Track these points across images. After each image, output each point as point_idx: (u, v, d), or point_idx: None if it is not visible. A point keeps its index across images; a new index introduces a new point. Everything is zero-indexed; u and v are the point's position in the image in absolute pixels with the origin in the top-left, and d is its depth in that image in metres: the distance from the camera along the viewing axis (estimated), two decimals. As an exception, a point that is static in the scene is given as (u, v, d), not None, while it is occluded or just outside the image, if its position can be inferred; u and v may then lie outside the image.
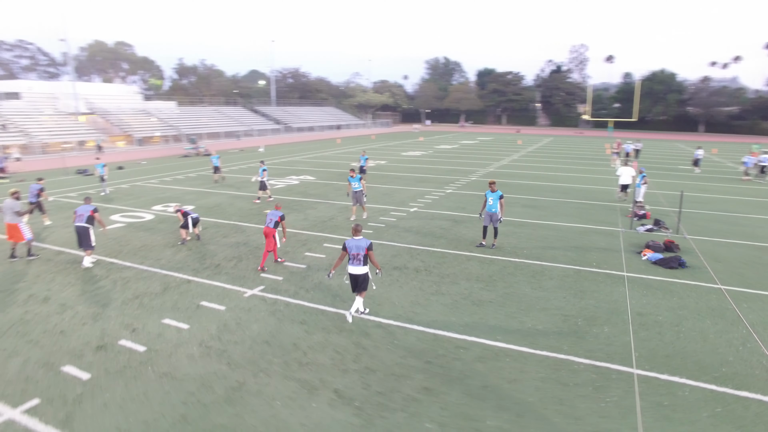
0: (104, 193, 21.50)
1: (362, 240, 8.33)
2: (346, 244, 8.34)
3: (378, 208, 18.05)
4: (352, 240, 8.36)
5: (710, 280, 10.53)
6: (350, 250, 8.31)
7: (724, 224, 15.91)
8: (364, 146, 47.95)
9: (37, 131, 43.07)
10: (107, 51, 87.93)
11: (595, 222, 15.87)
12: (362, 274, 8.37)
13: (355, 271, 8.36)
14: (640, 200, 17.56)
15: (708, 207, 18.86)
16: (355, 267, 8.35)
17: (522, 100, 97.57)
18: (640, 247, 12.82)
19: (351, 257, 8.34)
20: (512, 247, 13.04)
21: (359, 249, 8.27)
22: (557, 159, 35.92)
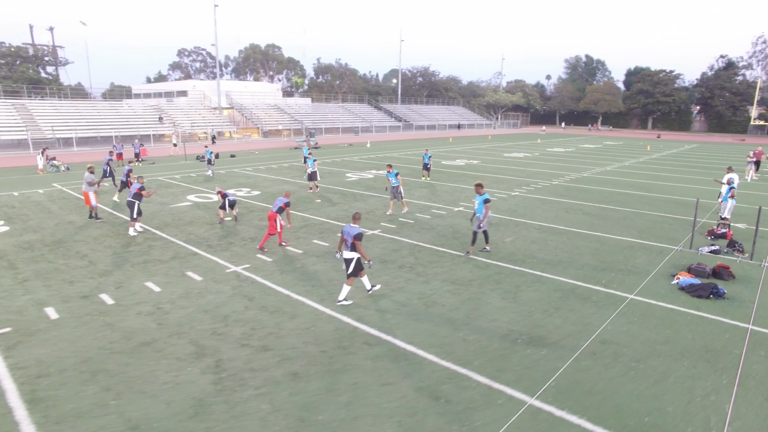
0: (209, 173, 25.00)
1: (354, 228, 8.66)
2: (342, 229, 8.82)
3: (423, 205, 17.78)
4: (347, 226, 8.78)
5: (741, 318, 8.46)
6: (344, 235, 8.76)
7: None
8: (477, 146, 46.94)
9: (186, 123, 50.40)
10: (259, 53, 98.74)
11: (654, 237, 13.61)
12: (350, 258, 8.73)
13: (347, 256, 8.78)
14: (726, 216, 14.57)
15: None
16: (346, 252, 8.76)
17: (673, 102, 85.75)
18: (683, 270, 10.76)
19: (345, 242, 8.74)
20: (526, 255, 11.91)
21: (348, 236, 8.64)
22: (679, 168, 31.10)
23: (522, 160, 33.83)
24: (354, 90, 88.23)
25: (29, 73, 53.75)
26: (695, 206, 12.43)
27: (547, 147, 46.83)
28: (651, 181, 24.87)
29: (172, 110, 53.09)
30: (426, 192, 20.66)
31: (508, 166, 30.49)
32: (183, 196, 19.38)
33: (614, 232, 14.27)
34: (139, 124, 47.02)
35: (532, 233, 14.01)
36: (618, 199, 19.44)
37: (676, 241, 13.25)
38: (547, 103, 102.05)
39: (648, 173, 27.95)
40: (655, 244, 13.04)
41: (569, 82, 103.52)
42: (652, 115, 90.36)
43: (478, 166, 30.03)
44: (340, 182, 23.13)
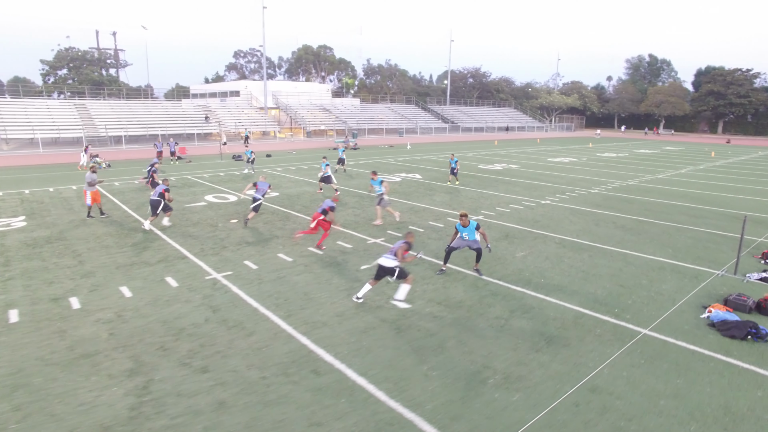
0: (246, 171, 26.17)
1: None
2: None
3: (440, 212, 16.74)
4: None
5: (780, 367, 6.92)
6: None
7: None
8: (522, 149, 44.98)
9: (232, 122, 51.62)
10: (311, 54, 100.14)
11: (693, 259, 11.87)
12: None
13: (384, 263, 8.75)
14: None
15: None
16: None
17: (749, 104, 78.58)
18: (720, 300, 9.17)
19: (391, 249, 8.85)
20: (534, 274, 10.65)
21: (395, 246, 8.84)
22: (745, 177, 27.91)
23: (566, 166, 31.75)
24: (403, 91, 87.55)
25: (93, 75, 57.23)
26: (743, 222, 10.64)
27: (598, 152, 43.97)
28: (707, 191, 22.38)
29: (219, 110, 54.61)
30: (446, 198, 19.54)
31: (549, 171, 28.63)
32: (202, 196, 19.36)
33: (646, 250, 12.62)
34: (186, 123, 48.63)
35: (550, 248, 12.65)
36: (661, 211, 17.47)
37: (719, 264, 11.48)
38: (606, 106, 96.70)
39: (705, 182, 25.26)
40: (693, 266, 11.34)
41: (630, 83, 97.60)
42: (723, 119, 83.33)
43: (515, 171, 28.40)
44: (363, 185, 22.42)
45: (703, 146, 56.72)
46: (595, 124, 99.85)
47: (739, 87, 78.57)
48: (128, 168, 28.35)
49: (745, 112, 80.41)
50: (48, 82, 54.52)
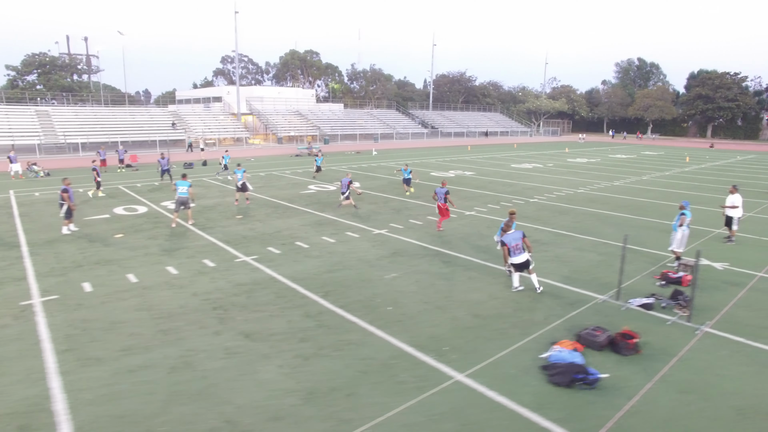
0: (220, 177, 26.36)
1: (517, 232, 9.82)
2: (503, 240, 9.74)
3: (333, 221, 15.57)
4: (507, 235, 9.73)
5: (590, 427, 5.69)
6: (509, 243, 9.65)
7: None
8: (492, 155, 43.78)
9: (200, 128, 50.65)
10: (298, 59, 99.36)
11: (586, 280, 10.63)
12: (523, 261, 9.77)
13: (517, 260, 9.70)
14: (678, 250, 11.30)
15: None
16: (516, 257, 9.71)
17: (737, 108, 77.20)
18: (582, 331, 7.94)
19: (512, 249, 9.61)
20: (386, 301, 9.45)
21: (516, 240, 9.66)
22: (703, 185, 26.58)
23: (524, 173, 30.51)
24: (387, 96, 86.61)
25: (62, 81, 56.45)
26: (624, 242, 9.40)
27: (570, 158, 42.72)
28: (653, 200, 21.11)
29: (189, 117, 53.69)
30: (379, 206, 18.35)
31: (502, 179, 27.42)
32: (110, 208, 18.24)
33: (542, 271, 11.36)
34: (153, 130, 47.68)
35: (432, 268, 11.45)
36: (589, 224, 16.22)
37: (609, 287, 10.24)
38: (595, 110, 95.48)
39: (659, 190, 23.97)
40: (578, 290, 10.11)
41: (620, 87, 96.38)
42: (712, 123, 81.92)
43: (466, 179, 27.20)
44: (289, 195, 21.30)
45: (684, 151, 55.39)
46: (585, 128, 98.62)
47: (727, 91, 77.20)
48: (68, 176, 27.26)
49: (734, 116, 78.96)
50: (16, 86, 53.74)
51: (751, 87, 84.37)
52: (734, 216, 14.15)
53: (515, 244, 9.61)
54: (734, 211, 14.12)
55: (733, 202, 14.14)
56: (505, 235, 9.74)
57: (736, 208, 14.10)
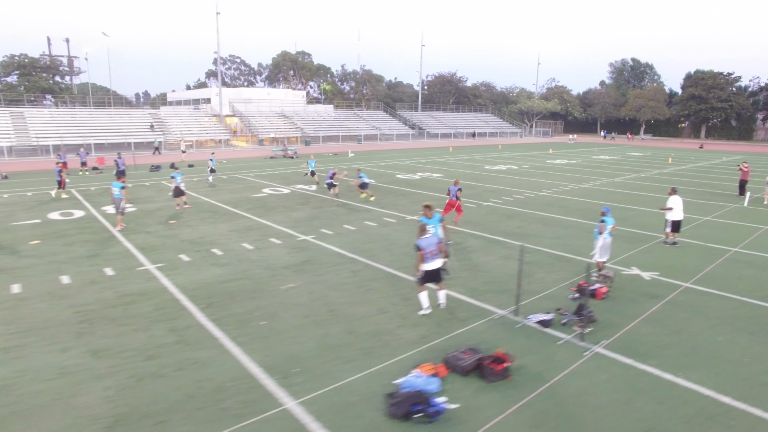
0: (209, 180, 25.69)
1: (433, 237, 8.88)
2: (418, 244, 8.56)
3: (264, 227, 14.87)
4: (423, 238, 8.67)
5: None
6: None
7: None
8: (471, 156, 43.04)
9: (180, 130, 50.06)
10: (289, 60, 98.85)
11: (497, 292, 9.88)
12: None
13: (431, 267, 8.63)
14: (600, 260, 10.52)
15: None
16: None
17: (730, 108, 76.12)
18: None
19: (426, 254, 8.53)
20: (263, 315, 8.74)
21: (432, 245, 8.65)
22: (671, 186, 25.71)
23: (495, 175, 29.73)
24: (378, 97, 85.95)
25: (42, 83, 55.99)
26: (520, 253, 8.64)
27: (550, 159, 41.88)
28: (611, 203, 20.29)
29: (170, 118, 53.15)
30: (303, 215, 17.63)
31: (467, 181, 26.64)
32: (45, 214, 17.56)
33: (450, 283, 10.62)
34: (131, 132, 47.12)
35: (336, 278, 10.72)
36: (532, 229, 15.45)
37: (514, 301, 9.47)
38: (588, 111, 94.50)
39: (622, 193, 23.13)
40: (478, 303, 9.36)
41: (614, 87, 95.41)
42: (706, 123, 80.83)
43: (430, 181, 26.46)
44: (237, 199, 20.64)
45: (672, 152, 54.46)
46: (579, 129, 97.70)
47: (720, 91, 76.12)
48: (27, 180, 26.74)
49: (727, 117, 77.85)
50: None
51: (750, 87, 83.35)
52: (668, 218, 13.46)
53: (431, 249, 8.59)
54: (670, 213, 13.40)
55: (670, 204, 13.43)
56: (421, 239, 8.67)
57: (671, 209, 13.38)
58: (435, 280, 8.70)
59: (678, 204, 13.42)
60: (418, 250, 8.46)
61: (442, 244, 8.81)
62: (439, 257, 8.65)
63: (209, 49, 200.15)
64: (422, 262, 8.49)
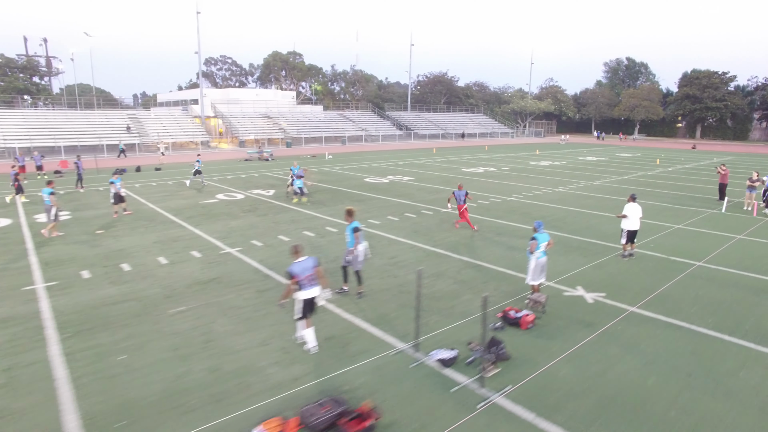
0: (201, 181, 25.04)
1: (309, 259, 7.48)
2: (290, 270, 7.23)
3: (195, 237, 13.63)
4: (297, 263, 7.30)
5: None
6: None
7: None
8: (451, 158, 41.75)
9: (157, 132, 48.85)
10: (280, 60, 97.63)
11: (405, 320, 8.61)
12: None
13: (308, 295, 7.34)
14: (533, 282, 9.21)
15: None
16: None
17: (725, 108, 74.70)
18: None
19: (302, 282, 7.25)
20: (130, 346, 7.49)
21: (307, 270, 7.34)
22: (659, 189, 24.43)
23: (469, 178, 28.43)
24: (368, 97, 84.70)
25: (17, 83, 54.77)
26: (417, 278, 7.39)
27: (534, 160, 40.56)
28: (581, 209, 19.00)
29: (149, 120, 51.96)
30: (243, 223, 16.38)
31: (435, 185, 25.37)
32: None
33: (350, 307, 9.37)
34: (107, 133, 45.94)
35: (228, 297, 9.44)
36: (467, 243, 14.17)
37: (431, 330, 8.21)
38: (583, 110, 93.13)
39: (596, 197, 21.82)
40: (380, 334, 8.09)
41: (608, 87, 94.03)
42: (701, 123, 79.39)
43: (395, 185, 25.16)
44: (183, 206, 19.41)
45: (663, 152, 53.13)
46: (574, 129, 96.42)
47: (714, 90, 74.69)
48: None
49: (723, 117, 76.41)
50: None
51: (748, 86, 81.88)
52: (623, 228, 12.20)
53: (307, 275, 7.28)
54: (625, 222, 12.15)
55: (626, 212, 12.18)
56: (294, 264, 7.28)
57: (626, 217, 12.13)
58: (311, 312, 7.41)
59: (634, 212, 12.15)
60: (291, 277, 7.19)
61: (319, 268, 7.53)
62: (317, 284, 7.38)
63: (205, 51, 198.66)
64: (296, 292, 7.24)
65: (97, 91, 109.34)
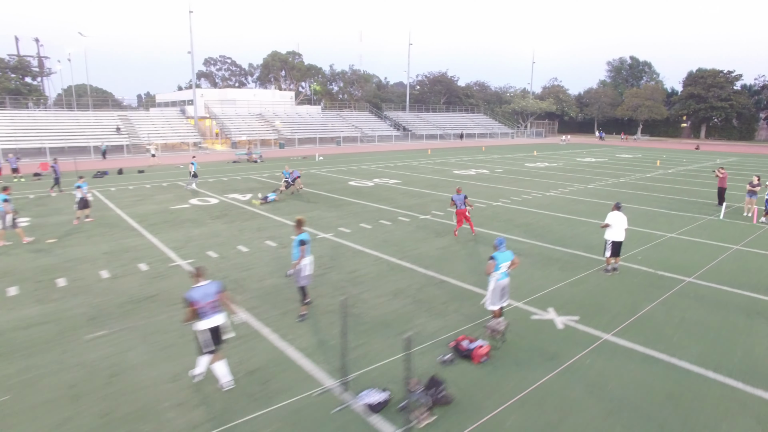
0: (192, 186, 23.84)
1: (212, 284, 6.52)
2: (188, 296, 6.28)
3: (150, 247, 12.68)
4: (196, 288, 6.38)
5: None
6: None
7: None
8: (443, 159, 40.70)
9: (148, 133, 48.07)
10: (279, 60, 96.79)
11: (331, 354, 7.60)
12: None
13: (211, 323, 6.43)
14: (492, 307, 8.16)
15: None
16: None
17: (730, 107, 73.08)
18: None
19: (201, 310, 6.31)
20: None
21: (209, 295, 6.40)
22: (655, 193, 23.26)
23: (458, 181, 27.37)
24: (367, 97, 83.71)
25: (7, 84, 54.11)
26: (341, 307, 6.38)
27: (530, 162, 39.39)
28: (569, 215, 17.90)
29: (141, 121, 51.21)
30: (206, 230, 15.42)
31: (421, 189, 24.33)
32: None
33: (285, 331, 8.37)
34: (96, 134, 45.20)
35: (157, 319, 8.46)
36: (438, 255, 13.13)
37: (371, 362, 7.20)
38: (585, 110, 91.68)
39: (588, 202, 20.70)
40: (310, 369, 7.07)
41: (611, 86, 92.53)
42: (706, 123, 77.76)
43: (378, 188, 24.14)
44: (151, 212, 18.51)
45: (665, 153, 51.80)
46: (577, 129, 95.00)
47: (719, 90, 73.07)
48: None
49: (728, 116, 74.77)
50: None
51: (754, 86, 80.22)
52: (607, 239, 11.14)
53: (208, 301, 6.36)
54: (608, 232, 11.10)
55: (609, 221, 11.13)
56: (194, 288, 6.36)
57: (608, 227, 11.08)
58: (218, 343, 6.42)
59: (619, 222, 11.08)
60: (189, 304, 6.21)
61: (226, 293, 6.55)
62: (220, 312, 6.41)
63: (206, 51, 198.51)
64: (196, 320, 6.26)
65: (100, 92, 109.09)
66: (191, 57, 54.77)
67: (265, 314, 8.92)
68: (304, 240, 8.67)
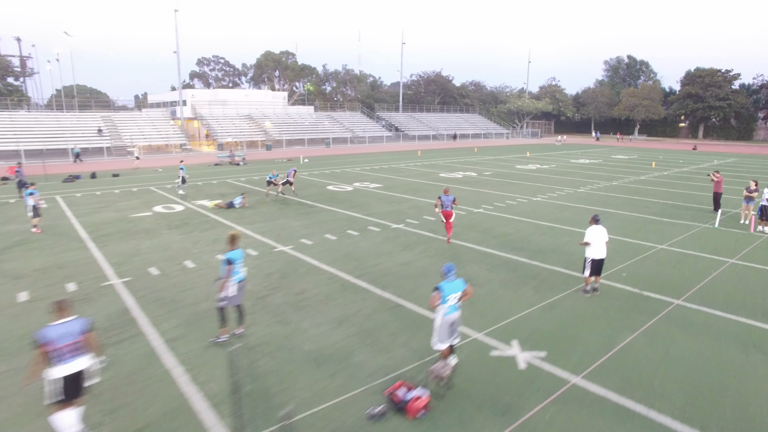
0: (181, 192, 22.83)
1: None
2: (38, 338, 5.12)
3: (90, 262, 11.48)
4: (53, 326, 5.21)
5: None
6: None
7: None
8: (431, 161, 39.54)
9: (131, 134, 46.87)
10: (272, 60, 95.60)
11: (237, 399, 6.42)
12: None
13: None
14: (439, 346, 6.93)
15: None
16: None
17: (729, 107, 71.90)
18: None
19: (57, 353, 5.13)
20: None
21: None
22: (650, 197, 22.09)
23: (444, 184, 26.17)
24: (360, 97, 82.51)
25: (-14, 84, 52.94)
26: (229, 360, 5.19)
27: (521, 164, 38.19)
28: (552, 223, 16.70)
29: (124, 122, 50.00)
30: (171, 239, 14.21)
31: (401, 194, 23.14)
32: None
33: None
34: (77, 136, 44.01)
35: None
36: (398, 269, 11.93)
37: (306, 404, 5.98)
38: (582, 110, 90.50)
39: (575, 208, 19.49)
40: (209, 420, 5.86)
41: (608, 86, 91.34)
42: (705, 123, 76.58)
43: (357, 192, 22.96)
44: (108, 220, 17.32)
45: (661, 153, 50.62)
46: (574, 129, 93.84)
47: (717, 89, 71.88)
48: None
49: (726, 116, 73.58)
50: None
51: (753, 85, 79.10)
52: (587, 257, 9.95)
53: (68, 342, 5.15)
54: (588, 249, 9.92)
55: (588, 239, 9.94)
56: (50, 326, 5.15)
57: (588, 245, 9.89)
58: (76, 393, 5.23)
59: (599, 237, 9.90)
60: (39, 345, 5.03)
61: (92, 333, 5.38)
62: (83, 354, 5.23)
63: (200, 50, 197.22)
64: (48, 366, 5.07)
65: (95, 93, 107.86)
66: (177, 57, 53.61)
67: (183, 348, 7.72)
68: (231, 259, 7.62)
